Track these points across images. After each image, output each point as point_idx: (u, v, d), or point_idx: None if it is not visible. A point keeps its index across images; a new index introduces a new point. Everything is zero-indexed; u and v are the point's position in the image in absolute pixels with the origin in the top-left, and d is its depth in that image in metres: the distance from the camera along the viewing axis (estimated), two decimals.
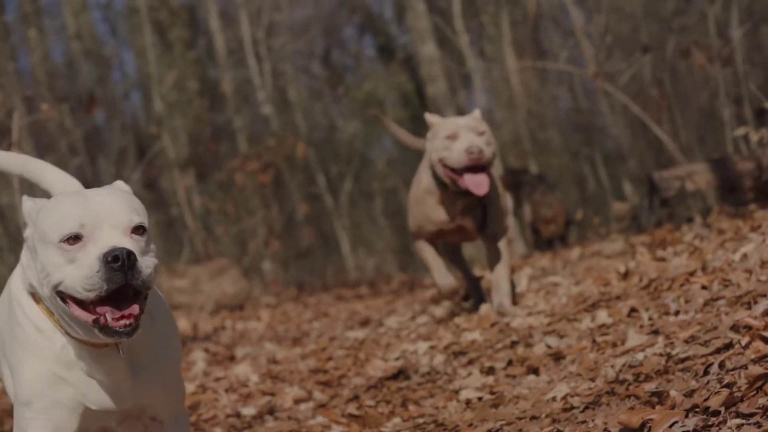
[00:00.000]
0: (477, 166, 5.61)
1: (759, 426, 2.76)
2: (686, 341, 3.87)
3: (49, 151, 16.75)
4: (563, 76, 19.07)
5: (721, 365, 3.35)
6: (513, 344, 4.93)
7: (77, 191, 2.84)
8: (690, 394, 3.16)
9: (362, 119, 19.97)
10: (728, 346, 3.56)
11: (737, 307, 4.07)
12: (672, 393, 3.21)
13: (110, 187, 2.82)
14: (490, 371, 4.54)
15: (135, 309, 2.59)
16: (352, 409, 4.44)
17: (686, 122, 15.36)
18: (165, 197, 18.78)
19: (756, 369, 3.05)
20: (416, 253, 6.24)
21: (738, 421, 2.83)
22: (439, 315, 6.56)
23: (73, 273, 2.60)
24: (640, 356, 3.86)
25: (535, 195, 12.15)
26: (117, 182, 2.85)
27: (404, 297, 9.25)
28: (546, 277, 7.08)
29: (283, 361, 6.28)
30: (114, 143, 19.10)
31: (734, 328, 3.71)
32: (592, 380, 3.86)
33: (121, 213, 2.66)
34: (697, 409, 3.01)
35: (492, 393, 4.16)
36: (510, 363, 4.57)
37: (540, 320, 5.25)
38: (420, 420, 4.07)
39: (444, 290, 5.99)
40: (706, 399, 3.03)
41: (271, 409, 4.92)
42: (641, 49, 15.77)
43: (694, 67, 14.56)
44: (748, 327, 3.57)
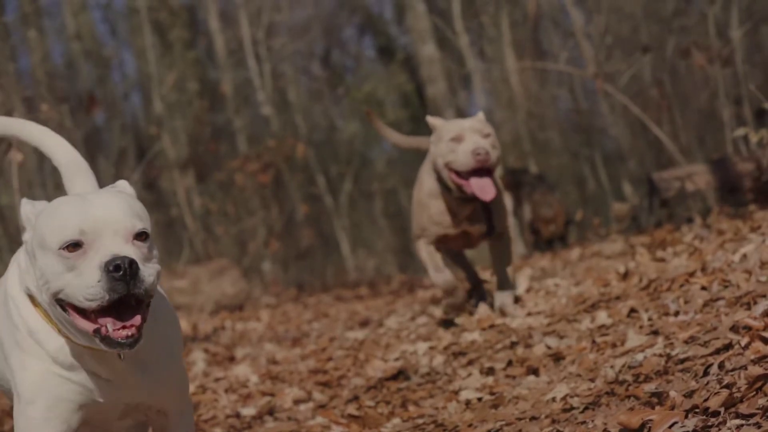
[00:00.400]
0: (482, 169, 5.48)
1: (759, 426, 2.76)
2: (686, 342, 3.87)
3: None
4: (563, 77, 19.06)
5: (721, 366, 3.34)
6: (513, 345, 4.93)
7: (78, 194, 2.77)
8: (690, 395, 3.16)
9: (362, 120, 19.95)
10: (728, 347, 3.56)
11: (737, 308, 4.07)
12: (672, 393, 3.21)
13: (113, 189, 2.76)
14: (490, 372, 4.54)
15: (137, 320, 2.54)
16: (352, 410, 4.43)
17: (686, 123, 15.37)
18: (165, 198, 18.78)
19: (755, 369, 3.05)
20: (416, 255, 6.12)
21: (738, 422, 2.83)
22: (439, 315, 6.55)
23: (74, 281, 2.53)
24: (640, 357, 3.86)
25: (535, 195, 12.14)
26: (120, 182, 2.79)
27: (404, 297, 9.25)
28: (546, 278, 7.08)
29: (283, 362, 6.28)
30: (114, 144, 19.09)
31: (734, 329, 3.71)
32: (592, 381, 3.86)
33: (123, 219, 2.59)
34: (697, 410, 3.01)
35: (492, 393, 4.16)
36: (510, 363, 4.57)
37: (540, 321, 5.24)
38: (420, 420, 4.07)
39: (443, 287, 5.81)
40: (706, 399, 3.03)
41: (271, 410, 4.92)
42: (641, 50, 15.78)
43: (694, 68, 14.55)
44: (748, 327, 3.57)
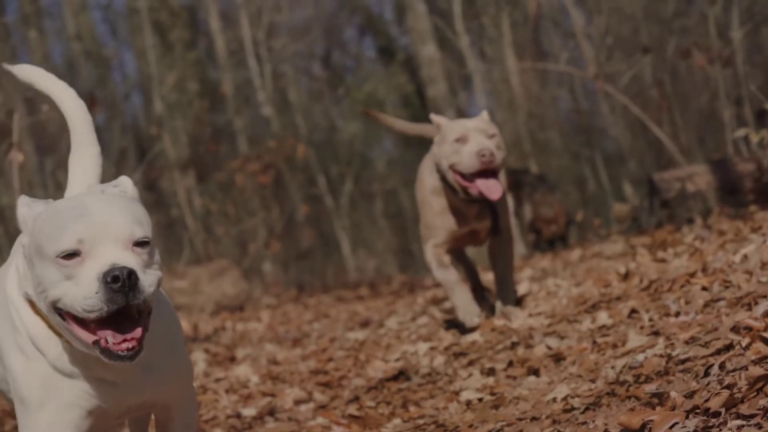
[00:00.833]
0: (488, 171, 5.36)
1: (759, 427, 2.76)
2: (687, 342, 3.87)
3: (50, 152, 16.78)
4: (563, 78, 19.06)
5: (722, 366, 3.34)
6: (513, 345, 4.93)
7: (77, 197, 2.66)
8: (690, 396, 3.16)
9: (362, 120, 19.96)
10: (729, 348, 3.56)
11: (738, 309, 4.07)
12: (672, 394, 3.21)
13: (114, 189, 2.68)
14: (491, 372, 4.54)
15: (138, 332, 2.47)
16: (353, 410, 4.43)
17: (686, 123, 15.37)
18: (165, 198, 18.78)
19: (756, 370, 3.05)
20: (423, 258, 5.84)
21: (738, 423, 2.83)
22: (440, 316, 6.55)
23: (72, 291, 2.46)
24: (641, 357, 3.86)
25: (536, 195, 12.13)
26: (122, 178, 2.71)
27: (404, 298, 9.25)
28: (546, 278, 7.08)
29: (284, 362, 6.27)
30: (114, 144, 19.09)
31: (735, 330, 3.71)
32: (593, 381, 3.86)
33: (123, 226, 2.50)
34: (698, 411, 3.01)
35: (492, 394, 4.16)
36: (510, 364, 4.57)
37: (540, 321, 5.24)
38: (420, 421, 4.06)
39: (469, 326, 5.50)
40: (707, 400, 3.03)
41: (272, 410, 4.92)
42: (641, 50, 15.77)
43: (695, 68, 14.56)
44: (749, 328, 3.57)
